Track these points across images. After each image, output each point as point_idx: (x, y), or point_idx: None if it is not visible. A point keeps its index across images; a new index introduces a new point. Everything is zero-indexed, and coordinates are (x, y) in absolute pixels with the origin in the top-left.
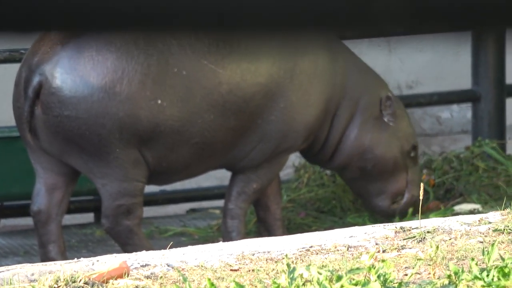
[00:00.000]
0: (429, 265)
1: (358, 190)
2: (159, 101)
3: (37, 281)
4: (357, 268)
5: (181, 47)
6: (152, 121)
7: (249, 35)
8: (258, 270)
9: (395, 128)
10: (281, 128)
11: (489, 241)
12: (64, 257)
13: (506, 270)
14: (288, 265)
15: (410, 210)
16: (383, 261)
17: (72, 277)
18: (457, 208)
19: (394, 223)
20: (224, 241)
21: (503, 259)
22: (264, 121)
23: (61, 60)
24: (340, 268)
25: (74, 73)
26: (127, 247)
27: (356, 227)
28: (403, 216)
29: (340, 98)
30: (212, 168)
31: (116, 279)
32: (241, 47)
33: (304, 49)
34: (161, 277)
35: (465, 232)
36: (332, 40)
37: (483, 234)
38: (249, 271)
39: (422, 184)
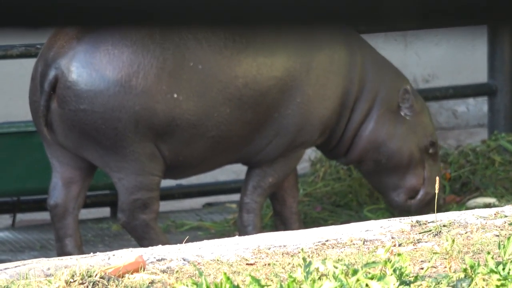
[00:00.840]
0: (445, 258)
1: (375, 184)
2: (175, 95)
3: (53, 275)
4: (373, 262)
5: (197, 41)
6: (168, 115)
7: (266, 29)
8: (274, 264)
9: (413, 122)
10: (298, 122)
11: (505, 234)
12: (81, 251)
13: None
14: (304, 259)
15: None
16: (399, 255)
17: (88, 272)
18: (473, 202)
19: (410, 217)
20: (240, 235)
21: None
22: (281, 115)
23: (77, 54)
24: (356, 262)
25: (90, 67)
26: (143, 241)
27: (372, 221)
28: (419, 213)
29: (357, 92)
30: (228, 162)
31: (132, 273)
32: (257, 41)
33: (321, 43)
34: (177, 271)
35: (481, 225)
36: (350, 34)
37: (499, 227)
38: (265, 265)
39: (437, 178)
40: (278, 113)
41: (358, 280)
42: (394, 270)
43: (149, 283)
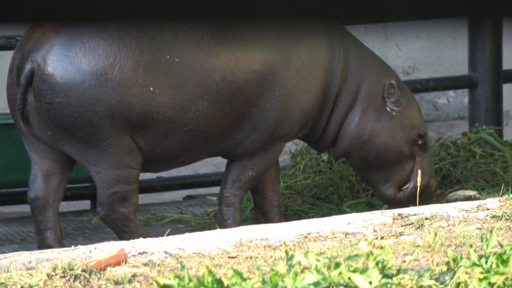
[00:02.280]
0: (427, 251)
1: (365, 178)
2: (151, 88)
3: (34, 268)
4: (355, 255)
5: (174, 34)
6: (145, 108)
7: (245, 22)
8: (256, 257)
9: (400, 117)
10: (276, 116)
11: (487, 227)
12: (61, 244)
13: (505, 257)
14: (286, 252)
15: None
16: (381, 248)
17: (69, 265)
18: (454, 194)
19: (392, 210)
20: (220, 228)
21: (501, 246)
22: (259, 108)
23: (53, 47)
24: (338, 255)
25: (66, 60)
26: (123, 234)
27: (354, 214)
28: (410, 205)
29: (340, 84)
30: (207, 155)
31: (113, 266)
32: (235, 35)
33: (301, 36)
34: (159, 264)
35: (463, 218)
36: (332, 27)
37: (481, 220)
38: (247, 258)
39: (419, 172)
40: (257, 107)
41: (340, 273)
42: (377, 263)
43: (131, 276)
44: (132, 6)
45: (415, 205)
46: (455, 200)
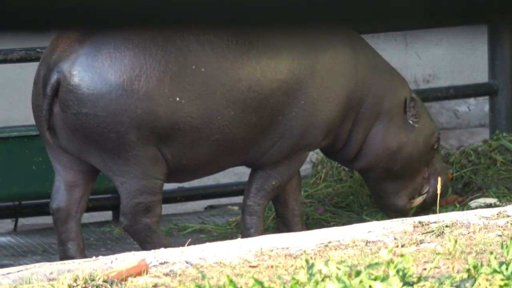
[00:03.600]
0: (447, 259)
1: (376, 189)
2: (178, 98)
3: (56, 280)
4: (376, 263)
5: (200, 43)
6: (171, 118)
7: (269, 31)
8: (277, 266)
9: (420, 127)
10: (302, 125)
11: (508, 234)
12: (83, 255)
13: None
14: (306, 260)
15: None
16: (401, 255)
17: (91, 276)
18: (474, 202)
19: (412, 218)
20: (242, 237)
21: None
22: (285, 117)
23: (79, 58)
24: (358, 263)
25: (92, 70)
26: (145, 245)
27: (375, 222)
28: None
29: (362, 95)
30: (232, 165)
31: (135, 277)
32: (260, 44)
33: (325, 45)
34: (180, 274)
35: (483, 225)
36: (354, 37)
37: (502, 227)
38: (268, 267)
39: (439, 179)
40: (282, 115)
41: (361, 281)
42: (397, 271)
43: (152, 286)
44: (155, 14)
45: (426, 208)
46: (476, 208)
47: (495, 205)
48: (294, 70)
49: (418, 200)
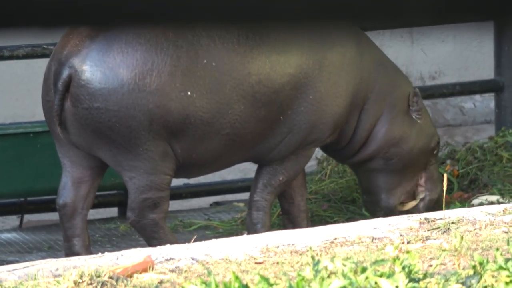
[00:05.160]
0: (454, 255)
1: (370, 183)
2: (189, 93)
3: (61, 276)
4: (382, 260)
5: (211, 38)
6: (182, 112)
7: (278, 26)
8: (283, 262)
9: (422, 125)
10: (310, 119)
11: None
12: (89, 252)
13: None
14: (312, 257)
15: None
16: (407, 252)
17: (96, 272)
18: (478, 199)
19: (418, 214)
20: (249, 233)
21: None
22: (294, 112)
23: (91, 53)
24: (364, 259)
25: (104, 65)
26: (152, 240)
27: (380, 219)
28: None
29: (367, 91)
30: (241, 160)
31: (140, 273)
32: (270, 38)
33: (333, 40)
34: (186, 270)
35: (489, 222)
36: (359, 34)
37: (508, 224)
38: (274, 263)
39: (445, 175)
40: (291, 110)
41: (367, 277)
42: (403, 268)
43: (158, 282)
44: (164, 9)
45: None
46: (480, 205)
47: (498, 202)
48: (303, 64)
49: (410, 204)
